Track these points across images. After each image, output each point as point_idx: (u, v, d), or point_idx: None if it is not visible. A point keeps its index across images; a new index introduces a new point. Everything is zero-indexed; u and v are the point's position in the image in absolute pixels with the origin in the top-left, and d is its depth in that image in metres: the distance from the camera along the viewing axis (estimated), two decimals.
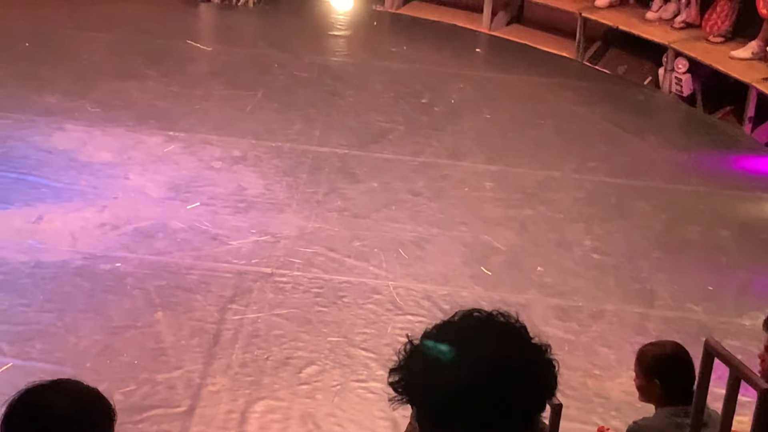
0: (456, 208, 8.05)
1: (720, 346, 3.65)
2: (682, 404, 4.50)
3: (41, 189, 7.73)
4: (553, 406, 3.53)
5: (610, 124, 9.58)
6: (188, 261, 7.12)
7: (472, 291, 7.09)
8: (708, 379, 3.73)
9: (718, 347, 3.63)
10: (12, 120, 8.46)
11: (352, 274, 7.15)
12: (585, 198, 8.37)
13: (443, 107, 9.68)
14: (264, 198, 7.95)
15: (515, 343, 1.94)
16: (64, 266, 6.95)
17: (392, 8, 12.06)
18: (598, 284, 7.30)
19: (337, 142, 8.84)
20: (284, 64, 10.22)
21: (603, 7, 11.05)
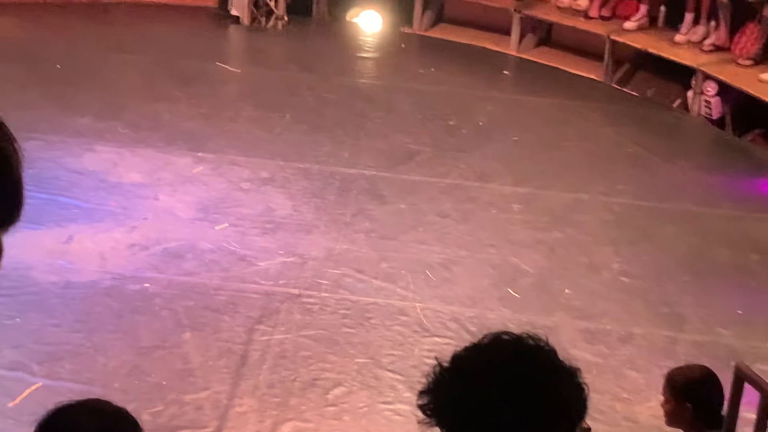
0: (484, 230, 8.04)
1: (750, 371, 3.63)
2: (711, 429, 4.47)
3: (72, 210, 7.78)
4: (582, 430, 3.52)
5: (639, 147, 9.56)
6: (216, 282, 7.14)
7: (500, 313, 7.08)
8: (738, 403, 3.71)
9: (749, 372, 3.61)
10: (44, 141, 8.52)
11: (380, 295, 7.15)
12: (613, 221, 8.34)
13: (471, 129, 9.69)
14: (292, 219, 7.97)
15: (545, 367, 1.94)
16: (93, 286, 6.99)
17: (420, 30, 12.09)
18: (626, 307, 7.27)
19: (365, 163, 8.86)
20: (313, 85, 10.25)
21: (631, 30, 11.05)
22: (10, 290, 6.60)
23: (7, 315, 6.44)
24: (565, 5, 11.56)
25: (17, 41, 10.50)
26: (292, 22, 11.86)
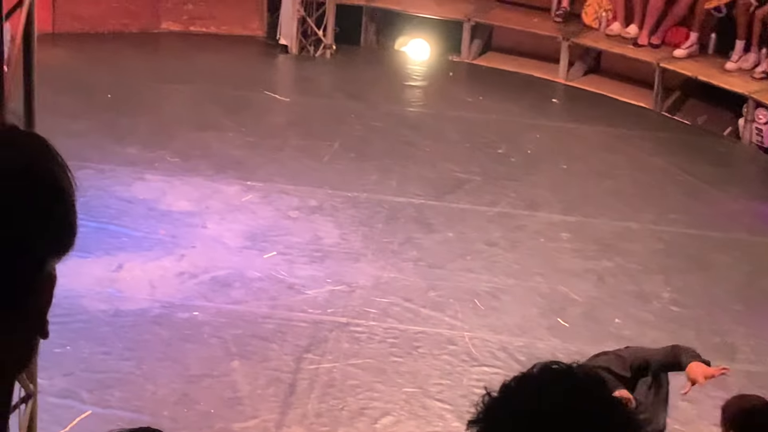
0: (532, 259, 8.00)
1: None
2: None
3: (121, 238, 7.83)
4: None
5: (689, 175, 9.49)
6: (264, 310, 7.16)
7: (549, 343, 7.04)
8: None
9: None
10: (94, 170, 8.59)
11: (428, 324, 7.13)
12: (664, 249, 8.28)
13: (519, 158, 9.66)
14: (340, 247, 7.98)
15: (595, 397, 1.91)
16: (142, 314, 7.02)
17: (468, 59, 12.10)
18: (677, 337, 7.18)
19: (413, 192, 8.86)
20: (361, 114, 10.28)
21: (681, 57, 10.98)
22: (61, 318, 6.63)
23: (57, 343, 6.48)
24: (614, 33, 11.52)
25: (69, 71, 10.61)
26: (341, 51, 11.91)
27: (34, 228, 1.36)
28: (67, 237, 1.40)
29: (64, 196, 1.39)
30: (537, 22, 11.89)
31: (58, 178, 1.39)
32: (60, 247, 1.39)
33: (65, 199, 1.39)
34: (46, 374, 5.96)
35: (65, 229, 1.40)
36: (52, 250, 1.39)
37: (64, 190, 1.39)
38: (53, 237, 1.39)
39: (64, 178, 1.39)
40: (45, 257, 1.38)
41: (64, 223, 1.39)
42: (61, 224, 1.39)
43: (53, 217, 1.38)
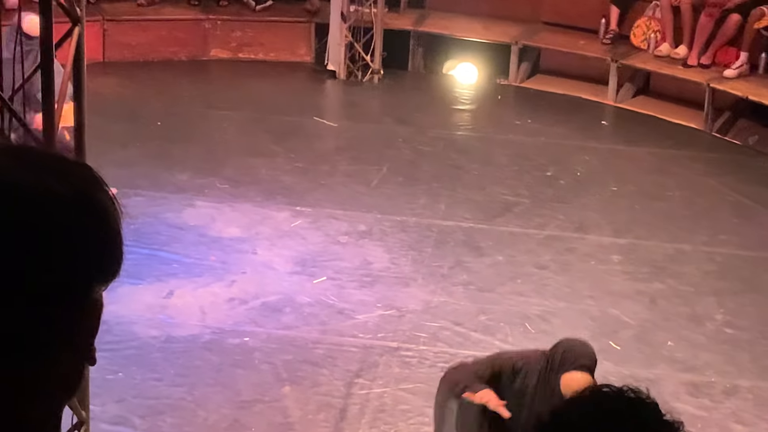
0: (583, 282, 7.96)
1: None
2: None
3: (172, 264, 7.87)
4: None
5: (741, 196, 9.41)
6: (315, 335, 7.16)
7: (601, 366, 6.95)
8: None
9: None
10: (145, 197, 8.66)
11: (478, 348, 7.10)
12: (716, 271, 8.20)
13: (569, 180, 9.63)
14: (389, 272, 7.97)
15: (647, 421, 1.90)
16: (193, 340, 7.05)
17: (516, 82, 12.09)
18: (731, 359, 7.12)
19: (462, 215, 8.84)
20: (409, 138, 10.29)
21: (731, 78, 10.91)
22: (113, 345, 6.68)
23: (110, 370, 6.52)
24: (664, 54, 11.47)
25: (119, 100, 10.72)
26: (388, 76, 11.94)
27: (81, 255, 1.37)
28: (113, 264, 1.41)
29: (111, 223, 1.41)
30: (584, 44, 11.86)
31: (106, 205, 1.41)
32: (107, 274, 1.41)
33: (112, 226, 1.41)
34: (98, 401, 5.99)
35: (112, 256, 1.41)
36: (98, 277, 1.40)
37: (111, 217, 1.41)
38: (100, 264, 1.40)
39: (111, 206, 1.41)
40: (91, 284, 1.40)
41: (110, 250, 1.41)
42: (108, 251, 1.41)
43: (100, 244, 1.40)
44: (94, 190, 1.41)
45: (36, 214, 1.35)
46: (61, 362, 1.38)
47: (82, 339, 1.40)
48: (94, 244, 1.38)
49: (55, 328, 1.36)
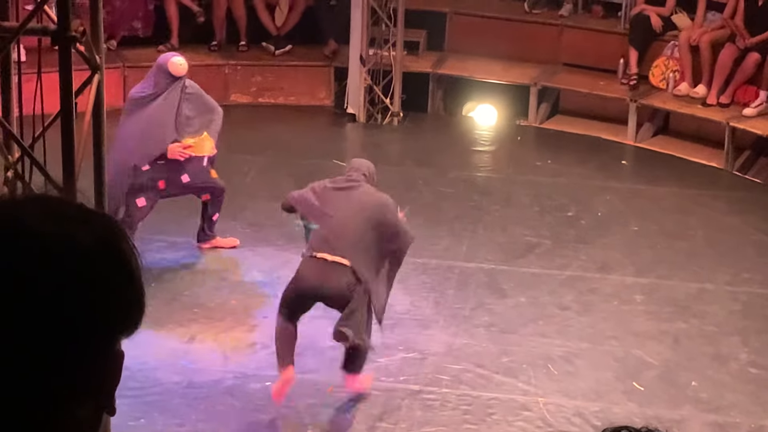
0: (606, 322, 7.92)
1: None
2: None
3: (194, 309, 7.88)
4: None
5: (764, 235, 9.37)
6: (337, 379, 7.14)
7: (625, 407, 6.94)
8: None
9: None
10: (167, 243, 8.68)
11: (501, 390, 7.07)
12: (740, 310, 8.16)
13: (590, 220, 9.61)
14: (411, 315, 7.96)
15: None
16: (215, 386, 7.04)
17: (536, 122, 12.10)
18: (756, 399, 7.07)
19: (484, 257, 8.83)
20: (429, 180, 10.30)
21: (751, 116, 10.89)
22: (136, 391, 6.68)
23: (132, 416, 6.51)
24: (683, 93, 11.47)
25: None
26: (408, 118, 11.97)
27: (104, 307, 1.38)
28: (135, 316, 1.42)
29: (134, 275, 1.42)
30: (604, 84, 11.88)
31: (129, 257, 1.42)
32: (128, 326, 1.42)
33: (134, 278, 1.42)
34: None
35: (134, 308, 1.42)
36: (120, 329, 1.41)
37: (133, 269, 1.42)
38: (122, 315, 1.41)
39: (133, 257, 1.42)
40: (114, 335, 1.40)
41: (132, 302, 1.42)
42: (130, 303, 1.42)
43: (123, 296, 1.41)
44: (117, 241, 1.42)
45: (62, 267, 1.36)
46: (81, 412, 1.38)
47: (103, 389, 1.40)
48: (117, 297, 1.40)
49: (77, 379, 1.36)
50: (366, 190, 6.80)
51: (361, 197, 6.75)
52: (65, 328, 1.35)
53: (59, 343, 1.35)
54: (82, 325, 1.36)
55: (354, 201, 6.71)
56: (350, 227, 6.59)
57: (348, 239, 6.57)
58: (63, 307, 1.35)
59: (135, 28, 12.27)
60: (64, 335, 1.35)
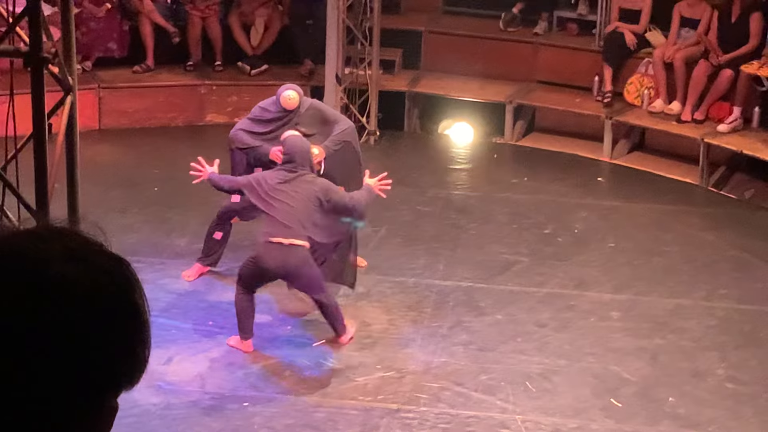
0: (584, 339, 7.93)
1: None
2: None
3: (171, 330, 7.84)
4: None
5: (740, 250, 9.40)
6: (315, 398, 7.12)
7: (603, 424, 6.94)
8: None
9: None
10: (144, 263, 8.64)
11: (480, 408, 7.06)
12: (717, 325, 8.18)
13: (567, 237, 9.63)
14: (389, 333, 7.95)
15: None
16: (193, 406, 7.01)
17: (512, 140, 12.13)
18: (734, 414, 7.08)
19: (462, 275, 8.83)
20: (407, 199, 10.30)
21: (726, 132, 10.95)
22: None
23: None
24: (657, 110, 11.52)
25: (116, 167, 10.75)
26: (385, 137, 11.98)
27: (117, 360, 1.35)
28: (140, 370, 1.39)
29: (145, 330, 1.39)
30: (579, 101, 11.92)
31: (142, 311, 1.39)
32: (132, 381, 1.38)
33: (146, 333, 1.39)
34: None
35: (141, 362, 1.39)
36: (125, 382, 1.38)
37: (145, 323, 1.39)
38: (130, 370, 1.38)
39: (145, 311, 1.39)
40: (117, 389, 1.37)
41: (140, 358, 1.39)
42: (139, 358, 1.38)
43: (133, 350, 1.37)
44: (133, 292, 1.38)
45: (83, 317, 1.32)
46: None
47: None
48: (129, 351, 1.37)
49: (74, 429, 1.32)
50: (307, 178, 7.54)
51: (305, 185, 7.51)
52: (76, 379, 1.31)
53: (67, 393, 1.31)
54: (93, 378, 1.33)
55: (299, 189, 7.47)
56: (301, 212, 7.39)
57: (300, 222, 7.36)
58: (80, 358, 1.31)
59: (110, 49, 12.25)
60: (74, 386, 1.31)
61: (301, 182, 7.51)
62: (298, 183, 7.51)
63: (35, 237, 1.36)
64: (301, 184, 7.50)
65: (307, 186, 7.51)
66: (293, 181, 7.51)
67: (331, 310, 7.62)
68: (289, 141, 7.72)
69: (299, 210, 7.40)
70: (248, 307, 7.57)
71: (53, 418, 1.30)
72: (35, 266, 1.31)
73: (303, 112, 8.37)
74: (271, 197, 7.47)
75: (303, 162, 7.59)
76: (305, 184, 7.51)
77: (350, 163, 8.45)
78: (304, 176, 7.54)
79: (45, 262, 1.32)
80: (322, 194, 7.50)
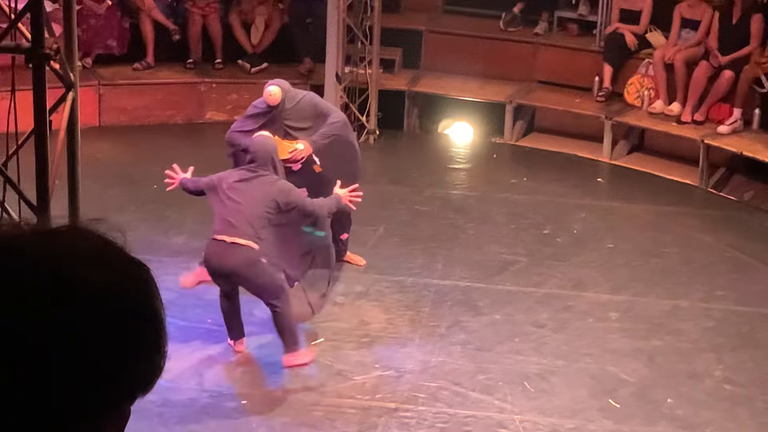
0: (581, 340, 7.94)
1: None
2: None
3: (169, 328, 7.80)
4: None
5: (738, 252, 9.41)
6: (313, 397, 7.13)
7: (601, 424, 6.95)
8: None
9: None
10: None
11: (477, 408, 7.07)
12: (714, 327, 8.19)
13: (565, 238, 9.63)
14: (387, 332, 7.95)
15: None
16: (191, 404, 7.01)
17: (512, 140, 12.14)
18: (731, 416, 7.09)
19: (460, 275, 8.83)
20: (405, 198, 10.31)
21: (725, 134, 10.95)
22: None
23: None
24: (657, 111, 11.53)
25: (115, 164, 10.74)
26: (384, 136, 11.98)
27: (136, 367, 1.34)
28: (154, 379, 1.37)
29: (163, 337, 1.38)
30: (579, 102, 11.93)
31: (161, 317, 1.37)
32: (146, 389, 1.37)
33: (163, 339, 1.38)
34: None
35: (156, 371, 1.37)
36: (139, 391, 1.36)
37: (163, 330, 1.37)
38: (147, 377, 1.36)
39: (163, 317, 1.38)
40: (133, 396, 1.36)
41: (157, 365, 1.37)
42: (155, 366, 1.37)
43: (151, 357, 1.36)
44: (153, 299, 1.37)
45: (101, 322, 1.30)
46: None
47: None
48: (147, 358, 1.35)
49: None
50: (267, 179, 7.37)
51: (263, 186, 7.34)
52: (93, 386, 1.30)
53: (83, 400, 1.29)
54: (110, 385, 1.32)
55: (255, 190, 7.31)
56: (250, 212, 7.20)
57: (248, 222, 7.19)
58: (98, 364, 1.29)
59: (110, 46, 12.25)
60: (90, 393, 1.30)
61: (259, 183, 7.35)
62: (257, 183, 7.34)
63: (57, 237, 1.35)
64: (259, 185, 7.34)
65: (264, 187, 7.34)
66: (251, 180, 7.35)
67: (283, 322, 7.28)
68: (254, 141, 7.62)
69: (248, 210, 7.20)
70: (227, 308, 7.46)
71: (67, 424, 1.29)
72: (56, 268, 1.30)
73: (292, 107, 8.34)
74: (227, 195, 7.31)
75: (264, 162, 7.41)
76: (263, 185, 7.34)
77: (346, 157, 8.43)
78: (264, 177, 7.37)
79: (66, 264, 1.30)
80: (280, 197, 7.31)
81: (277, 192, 7.33)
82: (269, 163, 7.45)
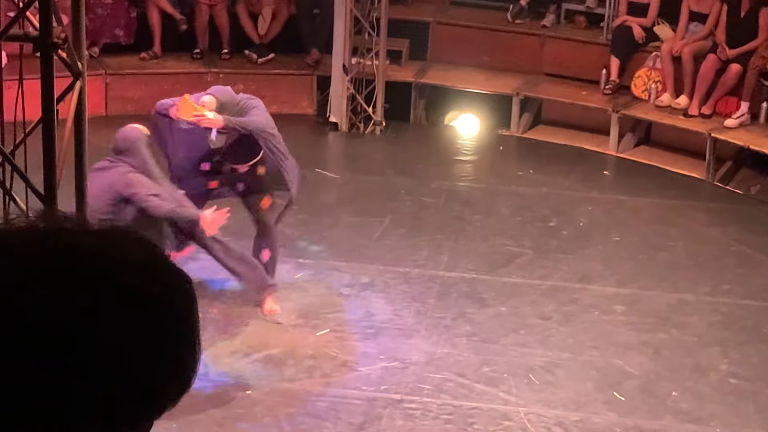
0: (587, 333, 7.93)
1: None
2: None
3: None
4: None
5: (744, 246, 9.40)
6: (318, 388, 7.13)
7: (605, 417, 6.95)
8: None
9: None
10: None
11: (482, 400, 7.07)
12: (720, 321, 8.18)
13: (571, 231, 9.62)
14: (392, 324, 7.95)
15: None
16: (196, 395, 7.00)
17: (518, 132, 12.12)
18: (736, 410, 7.08)
19: (465, 267, 8.83)
20: (411, 190, 10.30)
21: (733, 127, 10.94)
22: None
23: None
24: (664, 104, 11.51)
25: None
26: (390, 127, 11.98)
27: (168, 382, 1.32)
28: (184, 393, 1.34)
29: (198, 347, 1.34)
30: (586, 94, 11.91)
31: (198, 329, 1.34)
32: (175, 403, 1.34)
33: (198, 357, 1.34)
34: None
35: (187, 386, 1.34)
36: (169, 405, 1.34)
37: (198, 341, 1.34)
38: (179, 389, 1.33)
39: (200, 333, 1.35)
40: (162, 411, 1.33)
41: (190, 381, 1.34)
42: (188, 382, 1.34)
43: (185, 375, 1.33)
44: (193, 312, 1.34)
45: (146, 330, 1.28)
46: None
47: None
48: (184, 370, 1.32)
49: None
50: (119, 170, 7.26)
51: (111, 176, 7.22)
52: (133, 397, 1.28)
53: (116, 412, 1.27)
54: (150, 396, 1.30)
55: (104, 179, 7.17)
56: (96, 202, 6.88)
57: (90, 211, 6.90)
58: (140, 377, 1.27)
59: (117, 35, 12.24)
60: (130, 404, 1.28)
61: (111, 173, 7.23)
62: (108, 173, 7.23)
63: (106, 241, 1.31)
64: (109, 175, 7.22)
65: (113, 177, 7.21)
66: (107, 170, 7.24)
67: None
68: (120, 131, 7.52)
69: (98, 200, 6.93)
70: None
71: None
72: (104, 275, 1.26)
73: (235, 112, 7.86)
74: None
75: (123, 152, 7.29)
76: (113, 176, 7.21)
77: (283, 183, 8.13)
78: (117, 167, 7.26)
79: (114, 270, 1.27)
80: (123, 188, 7.19)
81: (123, 183, 7.20)
82: (129, 155, 7.29)
